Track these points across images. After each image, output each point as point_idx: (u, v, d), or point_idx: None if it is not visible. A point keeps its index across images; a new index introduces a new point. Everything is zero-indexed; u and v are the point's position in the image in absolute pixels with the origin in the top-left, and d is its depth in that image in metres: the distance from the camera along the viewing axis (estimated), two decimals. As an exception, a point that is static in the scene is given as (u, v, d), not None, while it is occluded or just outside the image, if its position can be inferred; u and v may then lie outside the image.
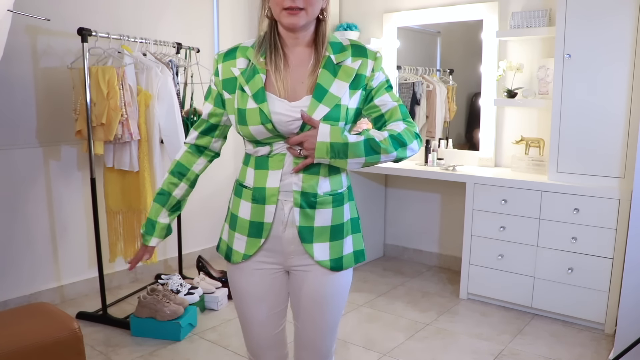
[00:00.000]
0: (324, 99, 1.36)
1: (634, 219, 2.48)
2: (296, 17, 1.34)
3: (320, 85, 1.37)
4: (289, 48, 1.42)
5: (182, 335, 2.81)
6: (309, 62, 1.41)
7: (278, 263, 1.49)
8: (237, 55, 1.44)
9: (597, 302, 2.90)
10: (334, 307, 1.51)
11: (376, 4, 4.06)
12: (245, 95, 1.39)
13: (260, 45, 1.42)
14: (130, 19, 3.43)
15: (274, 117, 1.36)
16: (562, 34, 2.89)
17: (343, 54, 1.42)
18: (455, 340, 2.86)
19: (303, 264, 1.47)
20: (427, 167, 3.65)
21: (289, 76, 1.40)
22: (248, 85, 1.39)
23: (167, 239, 3.85)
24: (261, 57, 1.41)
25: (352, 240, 1.49)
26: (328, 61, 1.40)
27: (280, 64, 1.40)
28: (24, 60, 3.00)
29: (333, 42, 1.43)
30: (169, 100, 2.98)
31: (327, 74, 1.38)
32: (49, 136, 3.15)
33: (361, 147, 1.36)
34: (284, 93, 1.38)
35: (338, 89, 1.38)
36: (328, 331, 1.53)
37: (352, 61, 1.41)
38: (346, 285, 1.52)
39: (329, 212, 1.43)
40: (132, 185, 3.01)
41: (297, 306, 1.53)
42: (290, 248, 1.45)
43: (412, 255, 4.18)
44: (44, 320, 2.00)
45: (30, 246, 3.13)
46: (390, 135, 1.39)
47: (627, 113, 2.77)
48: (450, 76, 3.92)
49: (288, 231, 1.43)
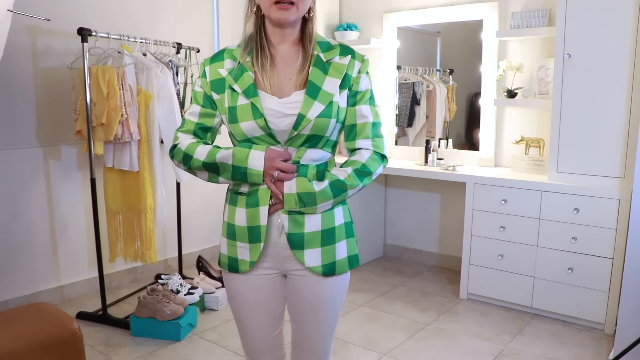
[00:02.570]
0: (318, 96, 1.36)
1: (634, 219, 2.48)
2: (287, 11, 1.33)
3: (313, 83, 1.37)
4: (274, 47, 1.42)
5: (182, 335, 2.81)
6: (296, 61, 1.41)
7: (275, 268, 1.48)
8: (225, 57, 1.44)
9: (597, 302, 2.90)
10: (331, 310, 1.51)
11: (376, 4, 4.06)
12: (235, 94, 1.39)
13: (247, 45, 1.42)
14: (130, 19, 3.43)
15: (266, 111, 1.36)
16: (562, 34, 2.89)
17: (332, 52, 1.42)
18: (455, 340, 2.86)
19: (298, 269, 1.46)
20: (427, 167, 3.65)
21: (276, 75, 1.40)
22: (237, 84, 1.39)
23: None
24: (247, 56, 1.41)
25: (347, 245, 1.48)
26: (317, 59, 1.40)
27: (266, 63, 1.40)
28: (24, 60, 3.00)
29: (320, 41, 1.44)
30: (169, 100, 2.98)
31: (318, 71, 1.38)
32: (49, 136, 3.15)
33: (328, 192, 1.38)
34: (271, 91, 1.39)
35: (330, 86, 1.38)
36: (325, 334, 1.53)
37: (340, 59, 1.41)
38: (343, 289, 1.51)
39: (318, 217, 1.42)
40: (132, 185, 3.01)
41: (294, 310, 1.53)
42: (285, 253, 1.45)
43: (412, 255, 4.18)
44: (44, 320, 2.00)
45: (30, 246, 3.13)
46: (354, 170, 1.41)
47: (627, 113, 2.77)
48: (450, 76, 3.92)
49: (283, 237, 1.43)
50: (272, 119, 1.37)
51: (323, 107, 1.36)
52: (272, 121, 1.37)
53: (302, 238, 1.41)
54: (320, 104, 1.36)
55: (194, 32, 3.84)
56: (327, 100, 1.37)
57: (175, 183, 3.52)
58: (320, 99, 1.36)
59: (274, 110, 1.37)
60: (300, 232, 1.41)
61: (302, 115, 1.35)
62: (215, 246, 4.18)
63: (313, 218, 1.41)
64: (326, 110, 1.36)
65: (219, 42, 4.03)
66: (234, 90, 1.39)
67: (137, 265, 3.55)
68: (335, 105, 1.38)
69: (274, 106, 1.37)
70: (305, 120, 1.35)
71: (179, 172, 3.13)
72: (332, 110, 1.37)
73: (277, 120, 1.37)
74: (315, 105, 1.36)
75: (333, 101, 1.38)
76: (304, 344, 1.55)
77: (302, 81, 1.39)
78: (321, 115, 1.36)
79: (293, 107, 1.37)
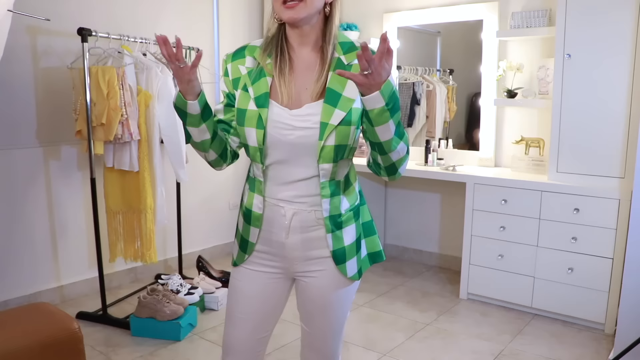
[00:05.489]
0: (338, 103, 1.31)
1: (634, 219, 2.48)
2: (294, 10, 1.29)
3: (332, 90, 1.33)
4: (295, 52, 1.39)
5: (182, 335, 2.81)
6: (316, 67, 1.36)
7: (281, 268, 1.47)
8: (246, 54, 1.42)
9: (597, 302, 2.90)
10: (340, 311, 1.50)
11: (376, 4, 4.06)
12: (247, 96, 1.37)
13: (267, 47, 1.39)
14: (130, 19, 3.43)
15: (270, 124, 1.34)
16: (562, 34, 2.89)
17: (354, 53, 1.35)
18: (455, 340, 2.86)
19: (308, 270, 1.45)
20: (427, 167, 3.65)
21: (294, 82, 1.37)
22: (252, 87, 1.36)
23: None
24: (268, 58, 1.38)
25: (365, 245, 1.49)
26: (338, 63, 1.35)
27: (285, 69, 1.36)
28: (24, 60, 3.00)
29: (343, 41, 1.38)
30: (169, 100, 2.98)
31: (338, 77, 1.33)
32: (49, 136, 3.14)
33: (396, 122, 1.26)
34: (287, 100, 1.35)
35: (352, 91, 1.32)
36: (334, 335, 1.53)
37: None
38: (353, 290, 1.51)
39: (352, 227, 1.43)
40: (132, 185, 3.01)
41: (304, 310, 1.52)
42: (294, 254, 1.44)
43: (412, 255, 4.18)
44: (44, 320, 2.00)
45: (30, 246, 3.13)
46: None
47: (627, 113, 2.77)
48: (450, 76, 3.92)
49: (292, 238, 1.42)
50: (279, 131, 1.33)
51: (344, 114, 1.31)
52: (275, 133, 1.34)
53: (344, 252, 1.42)
54: (340, 112, 1.31)
55: (194, 32, 3.84)
56: (348, 107, 1.32)
57: (175, 183, 3.52)
58: (341, 106, 1.31)
59: (282, 123, 1.33)
60: (342, 247, 1.41)
61: (324, 123, 1.31)
62: (216, 246, 4.18)
63: (349, 230, 1.42)
64: (348, 117, 1.32)
65: (219, 42, 4.03)
66: (247, 92, 1.37)
67: (137, 265, 3.55)
68: (355, 112, 1.33)
69: (282, 118, 1.33)
70: (328, 127, 1.31)
71: (179, 172, 3.12)
72: (351, 117, 1.32)
73: (286, 132, 1.33)
74: (336, 113, 1.31)
75: (353, 108, 1.32)
76: (313, 344, 1.54)
77: (319, 90, 1.34)
78: (343, 124, 1.32)
79: (303, 120, 1.33)
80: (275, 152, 1.37)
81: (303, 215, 1.40)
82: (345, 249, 1.42)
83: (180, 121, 3.01)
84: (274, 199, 1.41)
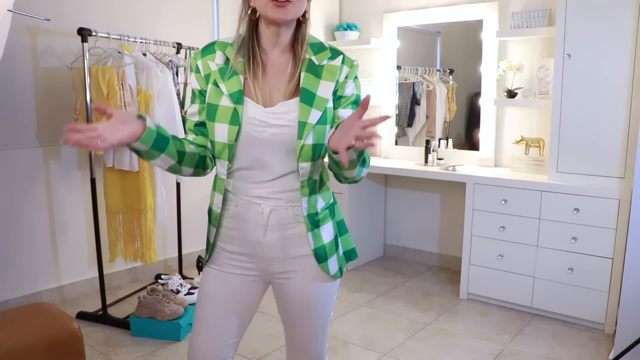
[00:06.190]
0: (314, 102, 1.33)
1: (634, 219, 2.48)
2: (283, 9, 1.28)
3: (307, 90, 1.34)
4: (266, 54, 1.38)
5: (182, 335, 2.81)
6: (287, 68, 1.37)
7: (257, 269, 1.45)
8: (216, 49, 1.40)
9: (597, 302, 2.90)
10: (323, 311, 1.49)
11: (376, 4, 4.06)
12: (219, 91, 1.35)
13: (239, 48, 1.38)
14: (130, 19, 3.43)
15: (245, 120, 1.33)
16: (562, 34, 2.89)
17: (324, 54, 1.38)
18: (455, 340, 2.86)
19: (287, 270, 1.43)
20: (427, 167, 3.65)
21: (267, 84, 1.37)
22: (224, 84, 1.35)
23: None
24: (240, 58, 1.37)
25: (341, 242, 1.49)
26: (310, 63, 1.36)
27: (258, 72, 1.36)
28: (24, 60, 3.00)
29: (313, 42, 1.40)
30: (169, 100, 2.98)
31: (311, 76, 1.35)
32: (49, 136, 3.14)
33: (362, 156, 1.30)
34: (261, 100, 1.35)
35: (325, 91, 1.35)
36: (318, 335, 1.51)
37: (332, 61, 1.38)
38: (334, 288, 1.50)
39: (330, 225, 1.44)
40: (132, 185, 3.01)
41: (286, 312, 1.50)
42: (272, 253, 1.42)
43: (412, 255, 4.18)
44: (44, 320, 2.00)
45: (30, 246, 3.13)
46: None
47: (627, 113, 2.77)
48: (450, 76, 3.92)
49: (269, 236, 1.40)
50: (254, 128, 1.33)
51: (320, 114, 1.33)
52: (250, 130, 1.33)
53: (325, 250, 1.42)
54: (317, 111, 1.33)
55: (194, 32, 3.84)
56: (323, 106, 1.34)
57: (175, 183, 3.52)
58: (317, 105, 1.33)
59: (258, 120, 1.33)
60: (322, 245, 1.42)
61: (302, 122, 1.32)
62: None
63: (326, 228, 1.43)
64: (323, 117, 1.34)
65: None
66: (219, 87, 1.36)
67: (137, 265, 3.55)
68: (330, 112, 1.35)
69: (258, 115, 1.34)
70: (307, 126, 1.32)
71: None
72: (327, 116, 1.35)
73: (260, 130, 1.33)
74: (313, 113, 1.32)
75: (327, 107, 1.34)
76: (298, 346, 1.53)
77: (291, 90, 1.35)
78: (319, 122, 1.33)
79: (277, 118, 1.33)
80: (248, 149, 1.36)
81: (280, 212, 1.39)
82: (326, 247, 1.42)
83: (181, 121, 3.04)
84: (248, 197, 1.40)
